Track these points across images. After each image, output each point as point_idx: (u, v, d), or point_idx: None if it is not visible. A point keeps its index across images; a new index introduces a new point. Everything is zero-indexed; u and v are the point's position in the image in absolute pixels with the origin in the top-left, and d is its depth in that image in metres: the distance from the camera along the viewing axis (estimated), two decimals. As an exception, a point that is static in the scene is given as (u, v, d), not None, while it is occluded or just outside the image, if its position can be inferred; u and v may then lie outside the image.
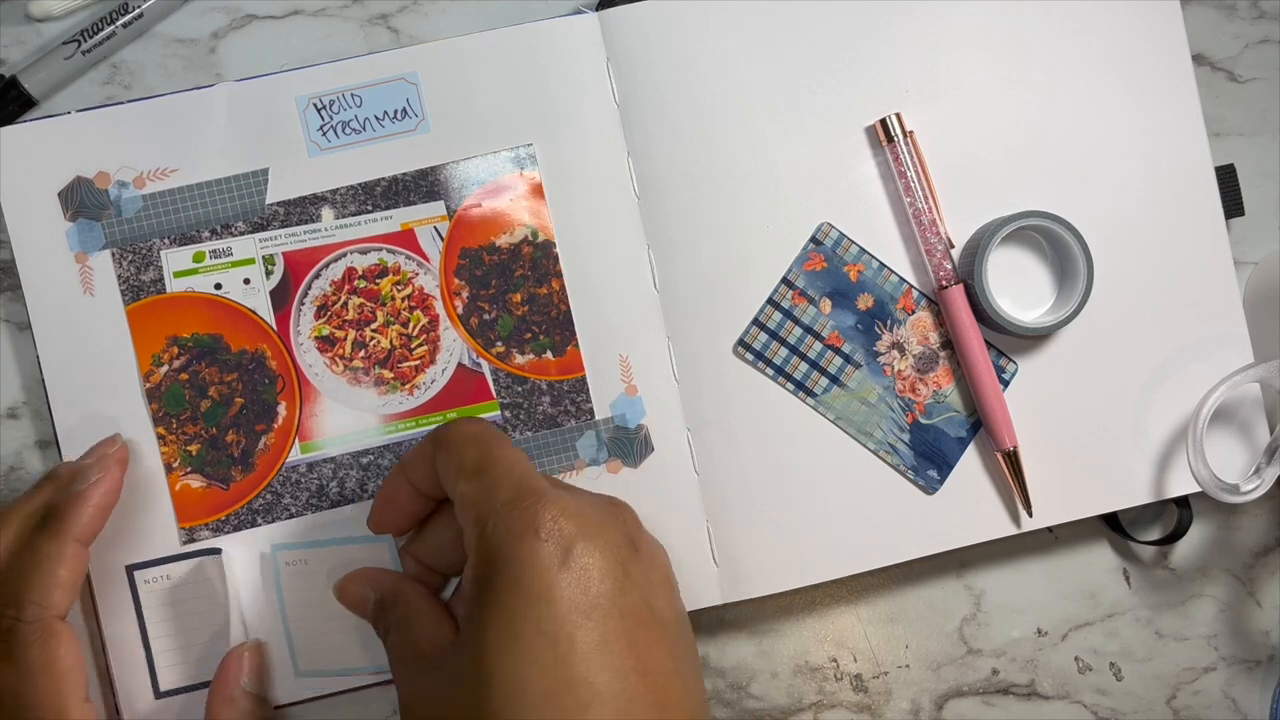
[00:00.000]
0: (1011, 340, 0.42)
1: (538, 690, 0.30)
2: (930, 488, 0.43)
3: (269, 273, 0.42)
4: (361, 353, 0.42)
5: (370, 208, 0.42)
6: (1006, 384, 0.43)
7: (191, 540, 0.41)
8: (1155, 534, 0.46)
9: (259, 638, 0.42)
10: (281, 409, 0.42)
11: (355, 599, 0.38)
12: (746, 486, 0.42)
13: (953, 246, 0.42)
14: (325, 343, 0.42)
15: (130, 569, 0.41)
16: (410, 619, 0.36)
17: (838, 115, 0.42)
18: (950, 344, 0.42)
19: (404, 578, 0.38)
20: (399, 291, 0.42)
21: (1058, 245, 0.42)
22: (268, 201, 0.42)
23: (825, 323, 0.43)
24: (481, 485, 0.33)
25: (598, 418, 0.42)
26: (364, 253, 0.42)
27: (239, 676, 0.40)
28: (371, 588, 0.38)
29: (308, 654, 0.42)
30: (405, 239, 0.42)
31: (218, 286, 0.42)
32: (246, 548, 0.42)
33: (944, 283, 0.42)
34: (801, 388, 0.42)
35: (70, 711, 0.36)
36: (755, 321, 0.42)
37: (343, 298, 0.42)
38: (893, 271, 0.43)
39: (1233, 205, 0.44)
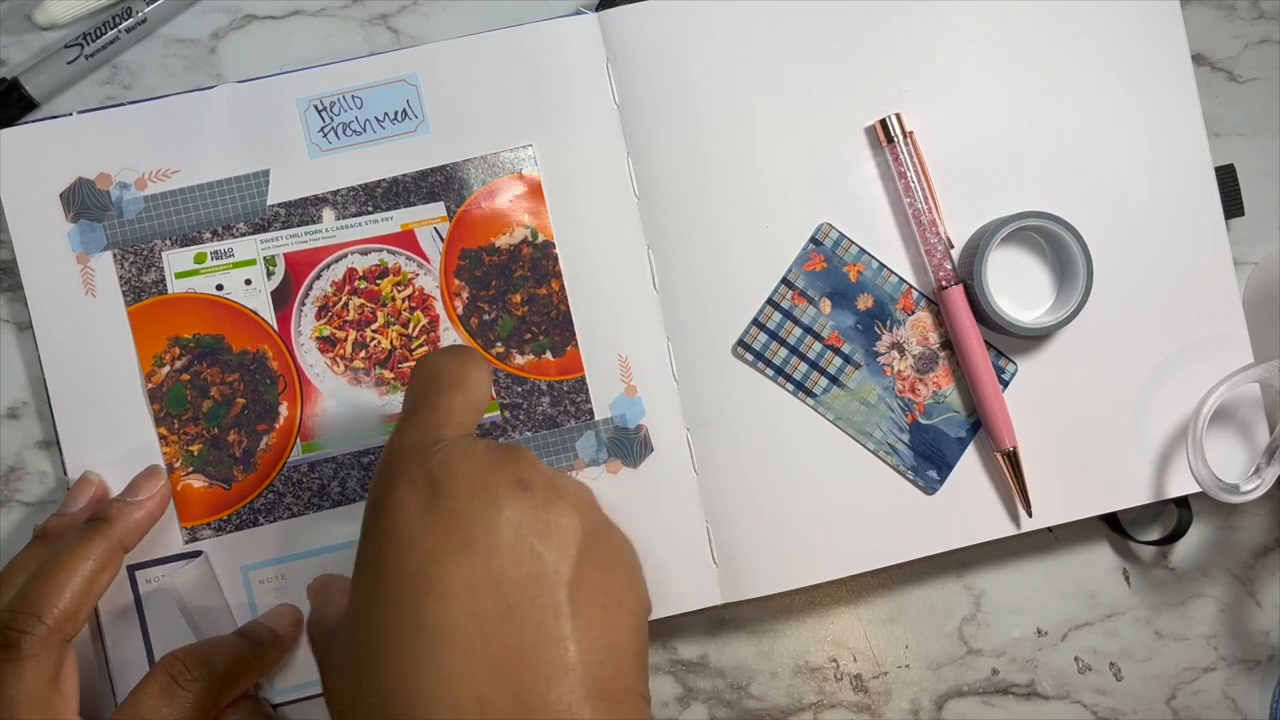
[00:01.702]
0: (1011, 340, 0.42)
1: (396, 631, 0.30)
2: (930, 488, 0.43)
3: (270, 273, 0.42)
4: (362, 353, 0.42)
5: (371, 209, 0.42)
6: (1006, 384, 0.43)
7: (194, 540, 0.42)
8: (1155, 534, 0.46)
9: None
10: (283, 409, 0.42)
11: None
12: (746, 486, 0.42)
13: (952, 247, 0.42)
14: (326, 343, 0.42)
15: (131, 569, 0.41)
16: (323, 599, 0.36)
17: (837, 115, 0.42)
18: (950, 344, 0.42)
19: (334, 577, 0.39)
20: (399, 292, 0.42)
21: (1057, 245, 0.42)
22: (269, 202, 0.42)
23: (825, 323, 0.43)
24: (401, 430, 0.33)
25: (597, 418, 0.42)
26: (365, 253, 0.42)
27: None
28: (316, 591, 0.39)
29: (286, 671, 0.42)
30: (406, 240, 0.42)
31: (219, 287, 0.42)
32: (226, 556, 0.42)
33: (944, 283, 0.42)
34: (801, 388, 0.42)
35: None
36: (755, 322, 0.42)
37: (343, 298, 0.42)
38: (892, 272, 0.43)
39: (1233, 205, 0.44)
